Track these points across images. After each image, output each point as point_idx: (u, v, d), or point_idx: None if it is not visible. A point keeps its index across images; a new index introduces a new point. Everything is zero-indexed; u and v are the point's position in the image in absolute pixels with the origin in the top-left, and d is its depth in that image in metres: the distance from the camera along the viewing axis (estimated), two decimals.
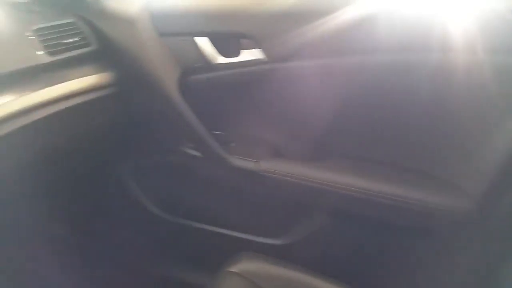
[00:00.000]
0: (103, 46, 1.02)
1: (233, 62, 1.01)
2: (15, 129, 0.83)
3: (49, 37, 0.92)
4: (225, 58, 1.02)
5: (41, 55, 0.89)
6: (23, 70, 0.85)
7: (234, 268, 0.95)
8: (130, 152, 1.31)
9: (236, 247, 1.20)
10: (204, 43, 1.01)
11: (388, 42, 0.86)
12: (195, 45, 1.01)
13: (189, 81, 1.06)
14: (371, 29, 0.85)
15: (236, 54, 1.01)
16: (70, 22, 0.98)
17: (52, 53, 0.91)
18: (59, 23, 0.96)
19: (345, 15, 0.86)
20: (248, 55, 1.00)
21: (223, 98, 1.09)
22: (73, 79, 0.95)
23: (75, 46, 0.96)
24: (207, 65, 1.02)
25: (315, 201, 1.08)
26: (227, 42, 1.02)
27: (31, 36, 0.89)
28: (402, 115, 0.94)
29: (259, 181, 1.08)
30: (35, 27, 0.90)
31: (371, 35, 0.86)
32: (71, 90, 0.94)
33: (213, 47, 1.02)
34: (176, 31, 1.03)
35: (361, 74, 0.92)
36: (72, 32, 0.97)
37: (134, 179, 1.34)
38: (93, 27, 1.01)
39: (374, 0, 0.85)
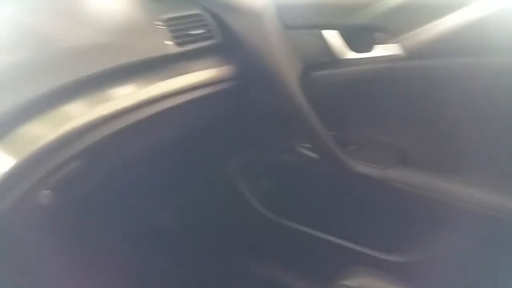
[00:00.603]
0: (227, 39, 1.00)
1: (365, 58, 0.95)
2: (140, 119, 0.82)
3: (178, 27, 0.91)
4: (356, 53, 0.96)
5: (169, 45, 0.88)
6: (152, 60, 0.85)
7: (350, 283, 0.89)
8: (242, 148, 1.29)
9: (347, 258, 1.14)
10: (332, 37, 0.97)
11: None
12: (322, 38, 0.97)
13: (312, 77, 1.01)
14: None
15: (369, 49, 0.95)
16: (197, 14, 0.97)
17: (179, 44, 0.90)
18: (187, 14, 0.95)
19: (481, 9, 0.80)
20: (382, 50, 0.93)
21: (349, 96, 1.03)
22: (196, 71, 0.94)
23: (200, 38, 0.95)
24: (335, 60, 0.98)
25: (446, 218, 0.97)
26: (359, 36, 0.96)
27: (161, 26, 0.89)
28: None
29: (383, 190, 1.00)
30: (165, 17, 0.90)
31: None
32: (193, 82, 0.93)
33: (343, 41, 0.96)
34: (303, 23, 0.99)
35: (500, 78, 0.83)
36: (199, 24, 0.96)
37: (243, 176, 1.32)
38: (219, 20, 0.99)
39: None
